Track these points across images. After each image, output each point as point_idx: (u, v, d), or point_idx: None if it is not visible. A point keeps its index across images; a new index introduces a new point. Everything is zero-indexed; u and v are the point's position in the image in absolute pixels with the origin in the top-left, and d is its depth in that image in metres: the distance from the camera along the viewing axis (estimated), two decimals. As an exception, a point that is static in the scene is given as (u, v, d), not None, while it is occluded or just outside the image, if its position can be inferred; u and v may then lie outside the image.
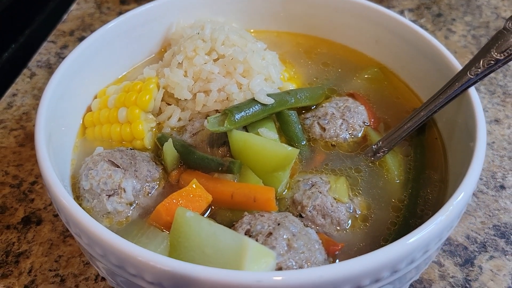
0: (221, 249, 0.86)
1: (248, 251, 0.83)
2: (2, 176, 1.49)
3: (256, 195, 1.04)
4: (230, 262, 0.84)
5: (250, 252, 0.83)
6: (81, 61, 1.24)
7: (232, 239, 0.87)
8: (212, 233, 0.89)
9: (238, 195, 1.06)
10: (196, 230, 0.90)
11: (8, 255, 1.30)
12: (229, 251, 0.86)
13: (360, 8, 1.43)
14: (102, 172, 1.07)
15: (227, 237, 0.88)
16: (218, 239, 0.88)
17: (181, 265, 0.77)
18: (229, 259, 0.84)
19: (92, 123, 1.26)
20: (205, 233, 0.90)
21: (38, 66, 1.88)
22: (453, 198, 0.89)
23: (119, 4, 2.21)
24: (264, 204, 1.04)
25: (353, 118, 1.25)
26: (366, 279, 0.80)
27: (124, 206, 1.07)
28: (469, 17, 2.13)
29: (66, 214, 0.88)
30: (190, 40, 1.26)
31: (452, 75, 1.19)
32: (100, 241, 0.83)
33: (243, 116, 1.13)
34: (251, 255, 0.83)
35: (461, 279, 1.26)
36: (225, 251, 0.86)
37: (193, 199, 1.04)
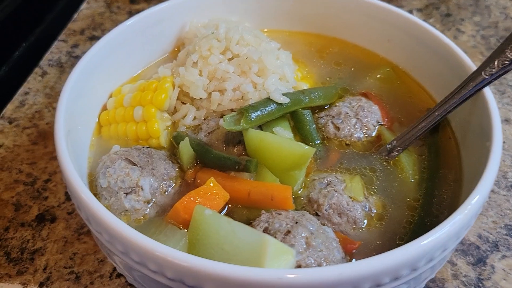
0: (240, 246, 0.87)
1: (268, 249, 0.84)
2: (16, 174, 1.50)
3: (274, 194, 1.05)
4: (250, 259, 0.85)
5: (270, 249, 0.84)
6: (97, 60, 1.25)
7: (252, 236, 0.88)
8: (231, 230, 0.90)
9: (255, 194, 1.06)
10: (215, 228, 0.91)
11: (23, 252, 1.31)
12: (249, 248, 0.86)
13: (372, 8, 1.44)
14: (120, 170, 1.08)
15: (247, 235, 0.89)
16: (237, 236, 0.88)
17: (203, 262, 0.78)
18: (249, 257, 0.85)
19: (108, 122, 1.27)
20: (224, 230, 0.91)
21: (49, 65, 1.89)
22: (471, 197, 0.89)
23: (129, 3, 2.22)
24: (281, 202, 1.04)
25: (367, 117, 1.26)
26: (385, 277, 0.81)
27: (141, 204, 1.08)
28: (478, 17, 2.13)
29: (87, 211, 0.89)
30: (205, 40, 1.27)
31: (465, 74, 1.20)
32: (121, 238, 0.83)
33: (259, 115, 1.13)
34: (271, 253, 0.84)
35: (473, 278, 1.26)
36: (244, 248, 0.87)
37: (211, 197, 1.05)
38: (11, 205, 1.42)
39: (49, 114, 1.69)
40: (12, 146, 1.59)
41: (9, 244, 1.33)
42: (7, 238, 1.34)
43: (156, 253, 0.80)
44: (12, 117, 1.68)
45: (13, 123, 1.66)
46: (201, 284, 0.79)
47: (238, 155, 1.17)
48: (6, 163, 1.53)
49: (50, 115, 1.69)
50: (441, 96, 1.29)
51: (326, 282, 0.77)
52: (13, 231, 1.36)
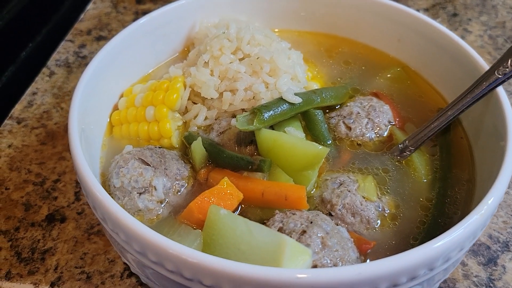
0: (257, 246, 0.87)
1: (286, 249, 0.84)
2: (25, 174, 1.50)
3: (288, 193, 1.05)
4: (267, 259, 0.85)
5: (287, 249, 0.84)
6: (109, 60, 1.25)
7: (269, 236, 0.88)
8: (247, 230, 0.90)
9: (269, 194, 1.06)
10: (231, 228, 0.91)
11: (34, 252, 1.31)
12: (266, 248, 0.86)
13: (381, 7, 1.44)
14: (133, 170, 1.08)
15: (264, 235, 0.89)
16: (254, 236, 0.88)
17: (221, 262, 0.78)
18: (266, 256, 0.85)
19: (119, 122, 1.27)
20: (240, 230, 0.91)
21: (57, 65, 1.89)
22: (488, 197, 0.90)
23: (135, 3, 2.22)
24: (295, 202, 1.04)
25: (378, 117, 1.26)
26: (403, 277, 0.81)
27: (155, 204, 1.08)
28: (485, 17, 2.13)
29: (104, 211, 0.89)
30: (217, 39, 1.27)
31: (477, 73, 1.20)
32: (139, 238, 0.83)
33: (272, 115, 1.13)
34: (289, 253, 0.84)
35: (484, 278, 1.26)
36: (261, 248, 0.87)
37: (225, 197, 1.05)
38: (21, 205, 1.42)
39: (57, 114, 1.69)
40: (21, 146, 1.59)
41: (19, 244, 1.33)
42: (17, 238, 1.34)
43: (174, 253, 0.80)
44: (21, 117, 1.68)
45: (22, 123, 1.66)
46: (219, 284, 0.79)
47: (250, 155, 1.17)
48: (15, 163, 1.53)
49: (58, 115, 1.69)
50: (452, 96, 1.29)
51: (345, 282, 0.77)
52: (23, 231, 1.36)
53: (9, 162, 1.54)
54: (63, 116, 1.68)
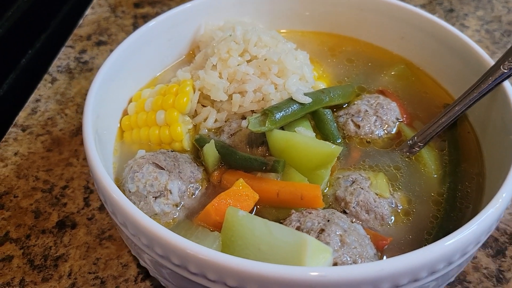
0: (278, 246, 0.88)
1: (308, 247, 0.85)
2: (33, 182, 1.50)
3: (303, 193, 1.06)
4: (288, 258, 0.86)
5: (309, 248, 0.85)
6: (118, 66, 1.25)
7: (290, 235, 0.89)
8: (267, 230, 0.91)
9: (284, 193, 1.07)
10: (250, 228, 0.92)
11: (47, 259, 1.32)
12: (287, 247, 0.87)
13: (385, 5, 1.45)
14: (148, 174, 1.09)
15: (284, 234, 0.90)
16: (274, 236, 0.89)
17: (246, 263, 0.79)
18: (287, 256, 0.86)
19: (130, 127, 1.28)
20: (259, 231, 0.92)
21: (58, 71, 1.89)
22: (502, 190, 0.91)
23: (133, 7, 2.22)
24: (311, 201, 1.06)
25: (386, 114, 1.28)
26: (424, 271, 0.82)
27: (170, 207, 1.09)
28: (481, 11, 2.16)
29: (124, 216, 0.89)
30: (224, 42, 1.28)
31: (481, 68, 1.22)
32: (161, 241, 0.84)
33: (283, 116, 1.14)
34: (311, 251, 0.85)
35: (494, 270, 1.28)
36: (282, 247, 0.88)
37: (241, 198, 1.06)
38: (30, 212, 1.43)
39: (61, 121, 1.69)
40: (27, 153, 1.58)
41: (31, 251, 1.33)
42: (29, 245, 1.35)
43: (198, 255, 0.81)
44: (25, 124, 1.68)
45: (27, 131, 1.66)
46: (244, 285, 0.80)
47: (263, 156, 1.18)
48: (22, 171, 1.53)
49: (63, 121, 1.69)
50: (457, 91, 1.31)
51: (368, 278, 0.78)
52: (34, 239, 1.36)
53: (16, 170, 1.53)
54: (67, 122, 1.68)
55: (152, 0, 2.25)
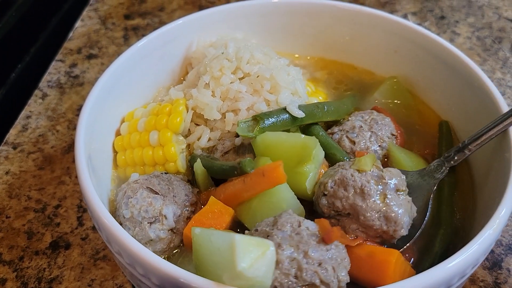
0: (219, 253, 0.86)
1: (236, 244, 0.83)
2: (25, 201, 1.48)
3: (264, 169, 1.04)
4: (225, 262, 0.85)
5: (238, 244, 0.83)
6: (109, 86, 1.23)
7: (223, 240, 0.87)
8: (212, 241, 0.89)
9: (249, 178, 1.06)
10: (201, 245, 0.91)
11: (41, 281, 1.30)
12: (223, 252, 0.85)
13: (377, 19, 1.45)
14: (142, 200, 1.07)
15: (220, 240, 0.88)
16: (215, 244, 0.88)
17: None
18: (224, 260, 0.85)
19: (123, 148, 1.27)
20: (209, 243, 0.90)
21: (49, 86, 1.87)
22: (499, 211, 0.91)
23: (124, 19, 2.21)
24: (272, 177, 1.03)
25: (381, 130, 1.27)
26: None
27: (166, 232, 1.08)
28: (472, 18, 2.16)
29: (120, 246, 0.88)
30: (216, 60, 1.27)
31: (472, 80, 1.23)
32: (157, 271, 0.84)
33: (273, 124, 1.14)
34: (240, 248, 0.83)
35: (491, 282, 1.29)
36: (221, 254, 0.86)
37: (215, 216, 1.05)
38: (23, 233, 1.41)
39: (53, 138, 1.67)
40: (19, 172, 1.57)
41: (25, 274, 1.32)
42: (22, 268, 1.33)
43: (193, 286, 0.80)
44: (16, 142, 1.66)
45: (18, 148, 1.64)
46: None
47: None
48: (14, 190, 1.51)
49: (54, 138, 1.67)
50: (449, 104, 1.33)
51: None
52: (28, 260, 1.35)
53: (7, 190, 1.52)
54: (59, 139, 1.67)
55: (142, 11, 2.24)
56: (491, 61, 1.95)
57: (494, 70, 1.91)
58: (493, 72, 1.90)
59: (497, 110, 1.14)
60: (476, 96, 1.23)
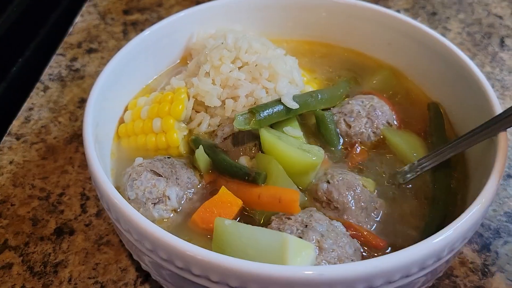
0: (262, 248, 0.92)
1: (290, 245, 0.89)
2: (29, 190, 1.52)
3: (282, 196, 1.09)
4: (273, 258, 0.90)
5: (291, 246, 0.89)
6: (114, 75, 1.28)
7: (272, 237, 0.94)
8: (252, 235, 0.96)
9: (265, 196, 1.11)
10: (237, 235, 0.96)
11: (46, 265, 1.34)
12: (270, 248, 0.91)
13: (371, 12, 1.50)
14: (146, 182, 1.12)
15: (267, 236, 0.95)
16: (258, 239, 0.94)
17: (247, 264, 0.83)
18: (271, 256, 0.90)
19: (127, 134, 1.31)
20: (245, 236, 0.96)
21: (50, 79, 1.91)
22: (486, 189, 0.97)
23: (123, 14, 2.25)
24: (288, 205, 1.08)
25: (377, 118, 1.31)
26: (415, 267, 0.88)
27: (169, 212, 1.12)
28: (462, 15, 2.23)
29: (129, 222, 0.93)
30: (216, 50, 1.31)
31: (463, 71, 1.29)
32: (165, 245, 0.88)
33: (269, 116, 1.18)
34: (293, 249, 0.89)
35: (479, 264, 1.34)
36: (266, 249, 0.92)
37: (224, 206, 1.10)
38: (28, 220, 1.44)
39: (55, 129, 1.71)
40: (22, 162, 1.60)
41: (31, 258, 1.35)
42: (28, 253, 1.37)
43: (201, 258, 0.85)
44: (19, 133, 1.70)
45: (21, 139, 1.68)
46: (245, 285, 0.84)
47: (253, 156, 1.22)
48: (18, 179, 1.55)
49: (57, 129, 1.71)
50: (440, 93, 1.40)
51: (363, 275, 0.83)
52: (33, 246, 1.38)
53: (12, 179, 1.55)
54: (61, 130, 1.71)
55: (141, 7, 2.28)
56: (480, 56, 2.01)
57: (483, 64, 1.97)
58: (483, 66, 1.96)
59: (485, 97, 1.20)
60: (466, 84, 1.30)
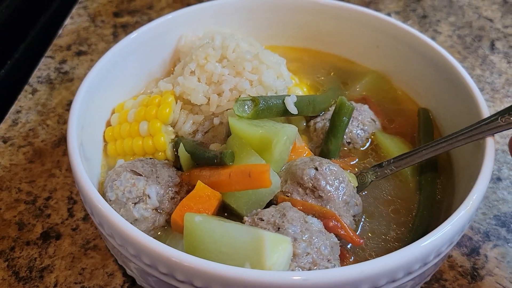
0: (237, 245, 0.90)
1: (266, 241, 0.88)
2: (15, 193, 1.51)
3: (251, 170, 1.07)
4: (249, 255, 0.88)
5: (267, 241, 0.88)
6: (101, 77, 1.27)
7: (247, 233, 0.92)
8: (225, 231, 0.93)
9: (234, 174, 1.08)
10: (208, 232, 0.94)
11: (32, 270, 1.32)
12: (246, 245, 0.90)
13: (360, 15, 1.50)
14: (126, 181, 1.11)
15: (241, 233, 0.92)
16: (232, 236, 0.92)
17: (233, 270, 0.82)
18: (248, 253, 0.89)
19: (113, 138, 1.30)
20: (218, 233, 0.94)
21: (39, 82, 1.89)
22: (472, 193, 0.96)
23: (113, 16, 2.24)
24: (258, 178, 1.06)
25: (361, 115, 1.33)
26: (400, 272, 0.87)
27: (150, 212, 1.11)
28: (453, 17, 2.23)
29: (112, 227, 0.92)
30: (202, 49, 1.31)
31: (452, 75, 1.28)
32: (148, 251, 0.87)
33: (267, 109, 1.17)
34: (269, 245, 0.88)
35: (469, 268, 1.34)
36: (241, 246, 0.90)
37: (203, 200, 1.08)
38: (14, 224, 1.43)
39: (43, 132, 1.70)
40: (9, 165, 1.59)
41: (16, 263, 1.34)
42: (13, 257, 1.35)
43: (185, 264, 0.84)
44: (6, 136, 1.68)
45: (8, 142, 1.66)
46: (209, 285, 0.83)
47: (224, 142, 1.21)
48: (5, 183, 1.53)
49: (45, 132, 1.70)
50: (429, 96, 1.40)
51: (349, 280, 0.82)
52: (19, 250, 1.37)
53: (-2, 182, 1.54)
54: (49, 133, 1.69)
55: (131, 9, 2.27)
56: (471, 59, 2.01)
57: (473, 67, 1.98)
58: (473, 69, 1.97)
59: (473, 101, 1.20)
60: (454, 88, 1.29)
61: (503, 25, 2.18)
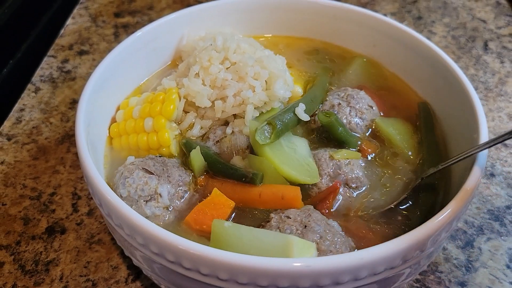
0: (265, 249, 0.95)
1: (294, 247, 0.92)
2: (20, 189, 1.54)
3: (284, 193, 1.13)
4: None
5: (295, 247, 0.93)
6: (106, 75, 1.30)
7: (276, 238, 0.97)
8: (253, 236, 0.98)
9: (266, 194, 1.14)
10: (237, 237, 0.98)
11: (38, 264, 1.35)
12: (274, 250, 0.94)
13: (357, 15, 1.54)
14: (138, 179, 1.14)
15: (269, 238, 0.97)
16: (261, 241, 0.96)
17: (237, 257, 0.85)
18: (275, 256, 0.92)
19: (118, 134, 1.33)
20: (246, 238, 0.98)
21: (41, 80, 1.93)
22: (464, 187, 1.01)
23: (114, 17, 2.27)
24: (291, 201, 1.12)
25: (358, 103, 1.35)
26: (398, 259, 0.91)
27: (161, 210, 1.14)
28: (447, 19, 2.28)
29: (120, 217, 0.95)
30: (205, 51, 1.34)
31: (447, 73, 1.32)
32: (156, 239, 0.90)
33: (285, 126, 1.22)
34: (297, 250, 0.92)
35: (463, 260, 1.38)
36: (270, 250, 0.94)
37: (217, 207, 1.12)
38: (19, 219, 1.46)
39: (46, 129, 1.73)
40: (14, 162, 1.62)
41: (22, 257, 1.37)
42: (19, 251, 1.38)
43: (192, 252, 0.87)
44: (10, 133, 1.71)
45: (12, 140, 1.69)
46: (235, 278, 0.87)
47: (245, 157, 1.24)
48: (9, 179, 1.56)
49: (48, 130, 1.73)
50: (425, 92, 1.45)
51: (349, 267, 0.86)
52: (25, 245, 1.40)
53: (3, 179, 1.56)
54: (52, 131, 1.72)
55: (132, 9, 2.30)
56: (465, 59, 2.06)
57: (467, 67, 2.02)
58: (467, 69, 2.01)
59: (468, 99, 1.24)
60: (450, 85, 1.33)
61: (496, 26, 2.23)
